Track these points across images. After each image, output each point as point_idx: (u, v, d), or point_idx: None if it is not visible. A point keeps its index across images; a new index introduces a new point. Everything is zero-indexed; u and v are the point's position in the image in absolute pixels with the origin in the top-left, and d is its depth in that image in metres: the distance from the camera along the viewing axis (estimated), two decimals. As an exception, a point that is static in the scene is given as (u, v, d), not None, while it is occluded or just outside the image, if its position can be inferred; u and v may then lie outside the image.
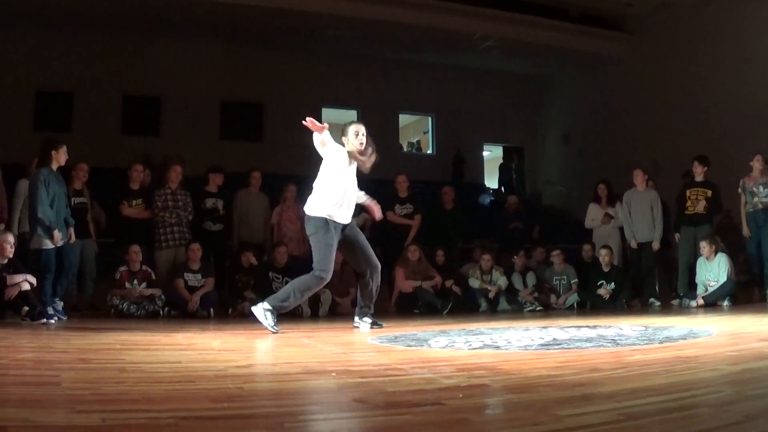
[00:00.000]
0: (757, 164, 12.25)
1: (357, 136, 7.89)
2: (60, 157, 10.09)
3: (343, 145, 7.87)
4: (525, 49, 24.27)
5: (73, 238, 10.40)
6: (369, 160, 7.93)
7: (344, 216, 7.75)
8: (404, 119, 29.38)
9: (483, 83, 27.62)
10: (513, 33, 22.91)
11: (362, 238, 8.06)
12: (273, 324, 7.23)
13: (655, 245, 12.86)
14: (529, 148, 29.22)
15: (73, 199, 10.85)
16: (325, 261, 7.51)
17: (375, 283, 8.05)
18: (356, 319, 8.11)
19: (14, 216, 10.78)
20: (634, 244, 12.99)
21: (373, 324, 7.92)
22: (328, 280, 7.64)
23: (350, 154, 7.82)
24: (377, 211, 8.50)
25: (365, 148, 7.90)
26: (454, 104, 27.34)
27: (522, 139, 29.15)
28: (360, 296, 8.17)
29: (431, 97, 27.28)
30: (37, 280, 9.54)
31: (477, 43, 23.63)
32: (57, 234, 9.78)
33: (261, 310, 7.31)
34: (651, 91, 22.05)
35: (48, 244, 9.83)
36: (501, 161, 29.32)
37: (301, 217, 8.19)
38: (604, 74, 24.68)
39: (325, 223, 7.59)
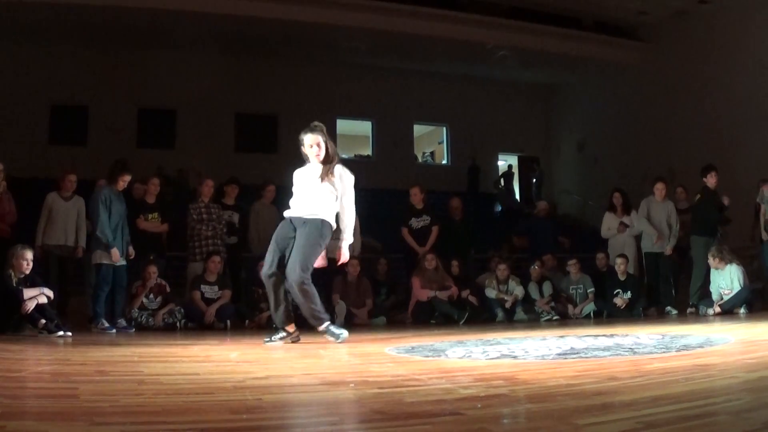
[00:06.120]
0: None
1: (311, 147, 7.63)
2: (119, 183, 10.40)
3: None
4: (539, 58, 24.24)
5: (132, 254, 10.61)
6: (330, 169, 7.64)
7: (296, 210, 7.58)
8: (419, 129, 29.37)
9: (497, 93, 27.62)
10: (526, 42, 22.87)
11: (300, 240, 7.42)
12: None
13: (668, 250, 12.85)
14: (544, 157, 29.15)
15: None
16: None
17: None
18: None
19: (39, 227, 10.85)
20: (655, 241, 12.90)
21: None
22: (262, 273, 7.65)
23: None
24: (341, 258, 7.86)
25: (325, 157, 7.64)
26: (468, 114, 27.35)
27: (537, 148, 29.06)
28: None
29: (445, 107, 27.29)
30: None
31: (491, 53, 23.60)
32: (115, 252, 10.11)
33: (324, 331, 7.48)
34: (666, 99, 22.01)
35: (102, 259, 10.11)
36: (505, 170, 29.22)
37: None
38: (619, 82, 24.64)
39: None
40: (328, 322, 7.56)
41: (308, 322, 7.56)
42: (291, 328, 7.55)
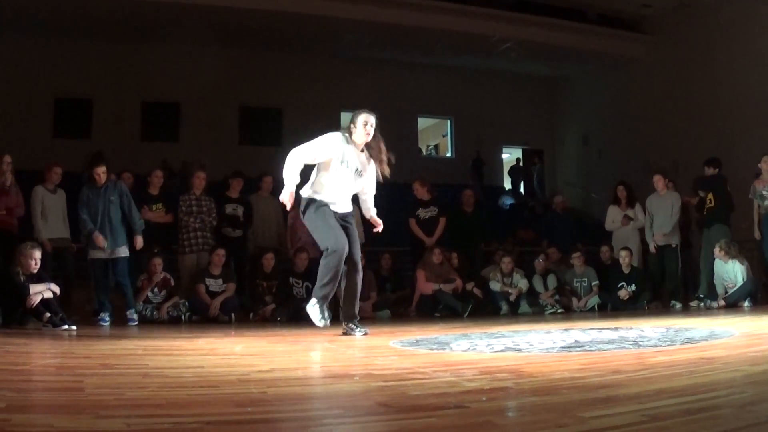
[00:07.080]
0: (765, 166, 12.15)
1: (366, 126, 7.47)
2: (94, 177, 10.31)
3: (350, 134, 7.49)
4: (543, 51, 24.22)
5: (140, 244, 10.63)
6: (381, 157, 7.56)
7: (340, 206, 7.36)
8: (423, 122, 29.33)
9: (501, 85, 27.59)
10: (531, 35, 22.86)
11: (354, 231, 7.44)
12: (322, 317, 7.11)
13: (674, 242, 12.82)
14: (549, 150, 29.13)
15: None
16: (327, 236, 7.14)
17: (357, 280, 7.41)
18: (345, 325, 7.46)
19: (36, 221, 10.79)
20: (652, 248, 12.95)
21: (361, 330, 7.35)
22: (344, 250, 7.08)
23: (356, 146, 7.49)
24: (379, 226, 7.87)
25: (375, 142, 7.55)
26: (472, 107, 27.30)
27: (541, 140, 29.05)
28: (343, 296, 7.48)
29: (450, 100, 27.25)
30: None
31: (495, 46, 23.60)
32: (97, 235, 10.01)
33: (312, 306, 7.13)
34: (670, 92, 21.96)
35: (94, 254, 10.12)
36: (513, 164, 29.30)
37: None
38: (623, 75, 24.61)
39: (312, 201, 7.26)
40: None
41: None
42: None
